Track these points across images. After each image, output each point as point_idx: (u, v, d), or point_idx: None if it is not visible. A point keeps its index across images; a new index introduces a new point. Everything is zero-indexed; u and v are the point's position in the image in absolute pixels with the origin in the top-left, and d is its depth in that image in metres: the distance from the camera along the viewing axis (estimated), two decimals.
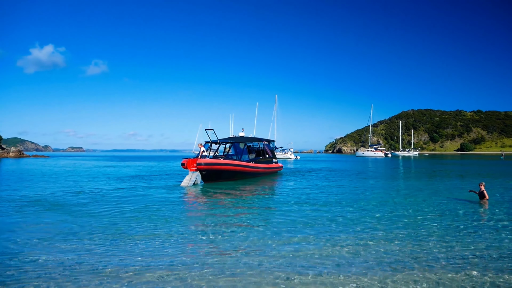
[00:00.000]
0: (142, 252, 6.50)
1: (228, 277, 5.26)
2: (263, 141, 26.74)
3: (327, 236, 7.55)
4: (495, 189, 16.22)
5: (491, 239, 7.40)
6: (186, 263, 5.87)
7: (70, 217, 9.89)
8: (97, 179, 22.64)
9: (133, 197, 13.83)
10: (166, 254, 6.43)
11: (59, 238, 7.57)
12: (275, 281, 5.08)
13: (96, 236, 7.67)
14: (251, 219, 9.69)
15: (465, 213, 10.35)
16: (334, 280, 5.11)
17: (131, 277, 5.26)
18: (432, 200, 12.84)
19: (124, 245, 7.00)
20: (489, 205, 11.77)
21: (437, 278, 5.21)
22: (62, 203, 12.35)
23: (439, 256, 6.18)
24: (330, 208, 11.08)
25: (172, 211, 10.82)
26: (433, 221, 9.21)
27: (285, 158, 73.48)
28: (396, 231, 8.02)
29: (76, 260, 6.04)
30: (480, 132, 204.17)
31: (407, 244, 6.93)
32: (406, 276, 5.28)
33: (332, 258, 6.07)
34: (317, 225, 8.66)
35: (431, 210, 10.85)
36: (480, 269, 5.55)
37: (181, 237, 7.61)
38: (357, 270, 5.50)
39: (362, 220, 9.24)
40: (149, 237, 7.63)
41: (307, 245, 6.91)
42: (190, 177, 18.55)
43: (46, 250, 6.62)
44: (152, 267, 5.69)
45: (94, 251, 6.57)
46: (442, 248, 6.68)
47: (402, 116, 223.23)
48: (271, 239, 7.38)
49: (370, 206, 11.62)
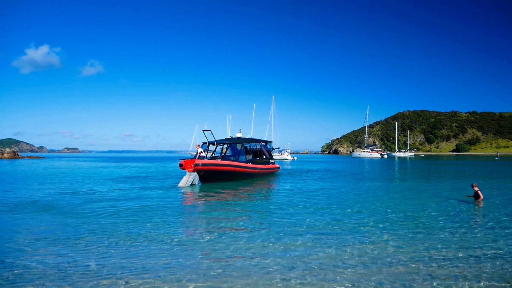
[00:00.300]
0: (138, 254, 6.50)
1: (223, 278, 5.28)
2: (260, 142, 26.79)
3: (324, 238, 7.56)
4: (489, 189, 16.37)
5: (486, 238, 7.46)
6: (182, 265, 5.86)
7: (65, 218, 9.84)
8: (93, 180, 22.53)
9: (130, 199, 13.79)
10: (163, 255, 6.41)
11: (54, 239, 7.54)
12: (271, 282, 5.09)
13: (92, 238, 7.64)
14: (247, 220, 9.69)
15: (460, 213, 10.43)
16: (330, 282, 5.11)
17: (128, 279, 5.25)
18: (428, 201, 12.88)
19: (120, 246, 6.98)
20: (484, 205, 11.88)
21: (432, 277, 5.25)
22: (56, 204, 12.29)
23: (435, 257, 6.21)
24: (327, 211, 11.07)
25: (168, 212, 10.79)
26: (430, 222, 9.25)
27: (281, 159, 73.11)
28: (393, 232, 8.05)
29: (72, 262, 6.01)
30: (475, 133, 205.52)
31: (404, 245, 6.96)
32: (403, 276, 5.31)
33: (328, 260, 6.10)
34: (314, 228, 8.64)
35: (428, 211, 10.87)
36: (476, 268, 5.60)
37: (177, 239, 7.60)
38: (353, 272, 5.51)
39: (359, 222, 9.25)
40: (145, 238, 7.62)
41: (304, 247, 6.91)
42: (187, 177, 18.59)
43: (40, 252, 6.60)
44: (148, 269, 5.68)
45: (90, 253, 6.56)
46: (438, 248, 6.73)
47: (398, 117, 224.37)
48: (267, 241, 7.39)
49: (366, 207, 11.63)
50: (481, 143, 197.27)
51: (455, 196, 14.00)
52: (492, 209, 11.03)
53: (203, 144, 22.29)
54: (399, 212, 10.73)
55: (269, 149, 29.03)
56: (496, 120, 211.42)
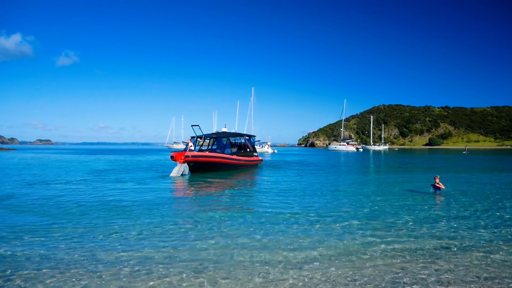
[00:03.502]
0: (114, 245, 6.61)
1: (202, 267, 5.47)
2: (245, 136, 28.82)
3: (304, 227, 8.06)
4: (448, 181, 18.00)
5: (449, 226, 8.13)
6: (158, 257, 5.91)
7: (38, 211, 9.90)
8: (73, 172, 23.02)
9: (107, 190, 14.44)
10: (142, 246, 6.53)
11: (25, 231, 7.57)
12: (252, 273, 5.23)
13: (68, 230, 7.73)
14: (231, 209, 10.45)
15: (425, 204, 11.14)
16: (307, 272, 5.32)
17: (102, 271, 5.30)
18: (399, 193, 13.63)
19: (95, 238, 7.11)
20: (446, 196, 12.74)
21: (402, 266, 5.63)
22: (26, 197, 12.36)
23: (408, 246, 6.57)
24: (308, 200, 11.92)
25: (157, 204, 11.21)
26: (398, 212, 9.74)
27: (262, 151, 73.10)
28: (366, 221, 8.68)
29: (44, 256, 5.97)
30: (447, 127, 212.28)
31: (375, 235, 7.42)
32: (374, 266, 5.56)
33: (305, 249, 6.39)
34: (295, 217, 9.22)
35: (399, 203, 11.34)
36: (442, 255, 6.08)
37: (159, 229, 7.86)
38: (323, 261, 5.73)
39: (335, 213, 9.73)
40: (125, 229, 7.82)
41: (285, 235, 7.29)
42: (178, 168, 20.34)
43: (12, 245, 6.59)
44: (125, 261, 5.75)
45: (67, 245, 6.56)
46: (408, 237, 7.22)
47: (374, 111, 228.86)
48: (251, 227, 8.06)
49: (343, 199, 12.39)
50: (453, 137, 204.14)
51: (422, 189, 14.89)
52: (451, 200, 11.98)
53: (192, 138, 23.79)
54: (371, 202, 11.76)
55: (253, 143, 30.77)
56: (468, 115, 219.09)
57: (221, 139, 25.59)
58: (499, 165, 32.68)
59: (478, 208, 10.39)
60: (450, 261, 5.77)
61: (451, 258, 5.90)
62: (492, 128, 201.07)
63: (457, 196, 12.77)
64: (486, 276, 5.14)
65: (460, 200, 12.00)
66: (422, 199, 12.23)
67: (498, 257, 5.98)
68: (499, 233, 7.60)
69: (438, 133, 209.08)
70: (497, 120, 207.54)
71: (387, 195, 13.07)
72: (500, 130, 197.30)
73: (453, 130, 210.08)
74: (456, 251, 6.30)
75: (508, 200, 11.98)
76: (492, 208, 10.53)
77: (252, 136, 31.44)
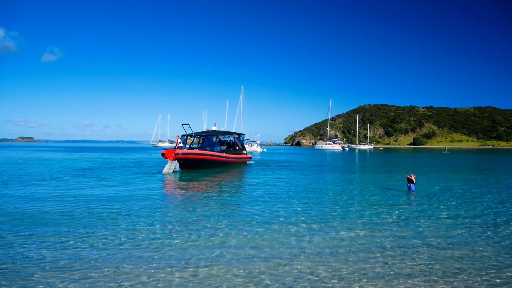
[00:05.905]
0: (97, 244, 6.51)
1: (191, 269, 5.38)
2: (234, 135, 29.40)
3: (290, 225, 8.24)
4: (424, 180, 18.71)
5: (428, 224, 8.55)
6: (144, 257, 5.84)
7: (26, 209, 9.76)
8: (55, 170, 22.71)
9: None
10: (121, 245, 6.50)
11: (8, 230, 7.46)
12: (237, 273, 5.21)
13: (55, 228, 7.63)
14: (220, 207, 10.48)
15: (401, 203, 11.48)
16: (291, 268, 5.44)
17: (83, 271, 5.21)
18: (380, 193, 13.75)
19: (78, 236, 7.02)
20: (418, 195, 13.01)
21: (385, 262, 5.90)
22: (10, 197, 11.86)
23: (386, 244, 6.77)
24: (294, 201, 11.72)
25: (145, 203, 11.11)
26: (381, 211, 9.93)
27: (251, 150, 71.73)
28: (348, 221, 8.85)
29: (30, 254, 5.92)
30: (431, 127, 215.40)
31: (357, 233, 7.70)
32: (357, 263, 5.68)
33: (291, 247, 6.53)
34: (282, 213, 9.60)
35: (381, 202, 11.55)
36: (424, 251, 6.40)
37: (146, 226, 7.88)
38: (311, 259, 5.83)
39: (321, 211, 9.93)
40: (110, 228, 7.72)
41: (270, 234, 7.39)
42: (169, 165, 20.91)
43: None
44: (108, 260, 5.70)
45: (55, 244, 6.50)
46: (388, 235, 7.40)
47: (359, 111, 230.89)
48: (238, 224, 8.23)
49: (329, 198, 12.46)
50: (437, 137, 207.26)
51: (394, 187, 15.35)
52: (426, 199, 12.24)
53: (182, 136, 24.08)
54: (354, 201, 12.01)
55: (242, 141, 31.29)
56: (451, 115, 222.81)
57: (211, 137, 26.10)
58: (474, 164, 34.27)
59: (451, 205, 10.93)
60: (433, 256, 6.01)
61: (433, 254, 6.13)
62: (475, 128, 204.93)
63: (432, 195, 13.14)
64: (470, 271, 5.35)
65: (434, 198, 12.42)
66: (399, 197, 12.72)
67: (479, 252, 6.25)
68: (468, 227, 7.99)
69: (422, 133, 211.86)
70: (479, 120, 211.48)
71: (365, 194, 13.41)
72: (482, 130, 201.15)
73: (437, 130, 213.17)
74: (437, 246, 6.56)
75: (477, 198, 12.46)
76: (463, 205, 11.05)
77: (242, 135, 31.94)
